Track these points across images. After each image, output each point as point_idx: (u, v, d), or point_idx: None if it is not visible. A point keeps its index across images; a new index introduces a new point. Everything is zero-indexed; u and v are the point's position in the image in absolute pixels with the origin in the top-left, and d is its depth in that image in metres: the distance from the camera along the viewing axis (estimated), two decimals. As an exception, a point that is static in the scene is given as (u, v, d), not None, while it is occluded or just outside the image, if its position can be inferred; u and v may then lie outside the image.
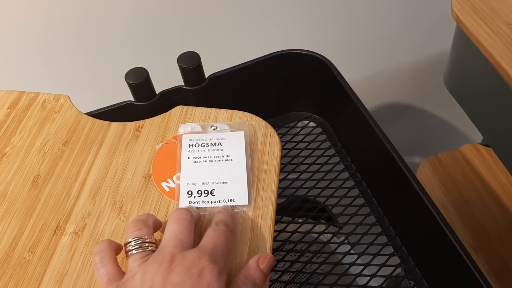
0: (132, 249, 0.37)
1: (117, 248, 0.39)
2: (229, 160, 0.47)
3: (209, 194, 0.45)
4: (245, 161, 0.47)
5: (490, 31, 0.51)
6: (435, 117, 1.09)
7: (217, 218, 0.41)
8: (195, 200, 0.44)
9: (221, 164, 0.47)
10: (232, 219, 0.41)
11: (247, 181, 0.46)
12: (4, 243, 0.43)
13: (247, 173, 0.46)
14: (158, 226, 0.40)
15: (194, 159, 0.47)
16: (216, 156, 0.48)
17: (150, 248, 0.37)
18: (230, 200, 0.45)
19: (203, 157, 0.48)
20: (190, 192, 0.45)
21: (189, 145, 0.48)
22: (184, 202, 0.44)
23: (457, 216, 0.75)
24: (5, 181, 0.47)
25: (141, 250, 0.37)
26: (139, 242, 0.37)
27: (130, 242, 0.37)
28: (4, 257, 0.42)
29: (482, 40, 0.51)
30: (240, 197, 0.45)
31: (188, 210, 0.40)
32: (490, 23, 0.52)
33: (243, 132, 0.50)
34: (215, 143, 0.49)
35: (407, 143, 1.10)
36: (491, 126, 0.57)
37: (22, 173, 0.48)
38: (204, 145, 0.49)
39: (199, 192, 0.45)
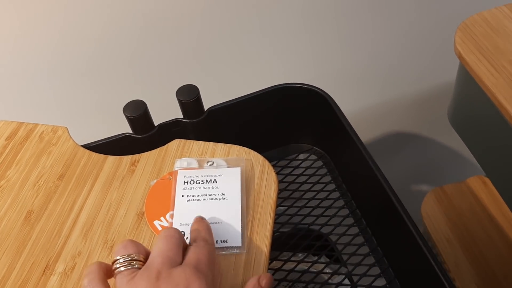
0: (120, 267, 0.36)
1: (107, 270, 0.38)
2: (224, 199, 0.47)
3: None
4: (239, 200, 0.46)
5: (493, 70, 0.50)
6: (443, 146, 1.08)
7: (194, 235, 0.40)
8: (187, 241, 0.44)
9: (215, 203, 0.47)
10: (209, 233, 0.41)
11: (241, 222, 0.45)
12: (-7, 282, 0.42)
13: (241, 213, 0.45)
14: (146, 252, 0.40)
15: (189, 197, 0.47)
16: (211, 194, 0.47)
17: (137, 265, 0.37)
18: (223, 241, 0.44)
19: (198, 195, 0.47)
20: (183, 233, 0.44)
21: (184, 182, 0.48)
22: None
23: (462, 252, 0.73)
24: (-3, 216, 0.47)
25: (129, 267, 0.36)
26: (128, 259, 0.37)
27: (118, 259, 0.37)
28: (-8, 296, 0.41)
29: (485, 79, 0.50)
30: (233, 239, 0.44)
31: (176, 229, 0.40)
32: (494, 62, 0.51)
33: (240, 168, 0.49)
34: (211, 180, 0.48)
35: (414, 171, 1.09)
36: (493, 164, 0.56)
37: (15, 208, 0.47)
38: (199, 182, 0.48)
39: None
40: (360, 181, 0.61)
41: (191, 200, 0.46)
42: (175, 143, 0.52)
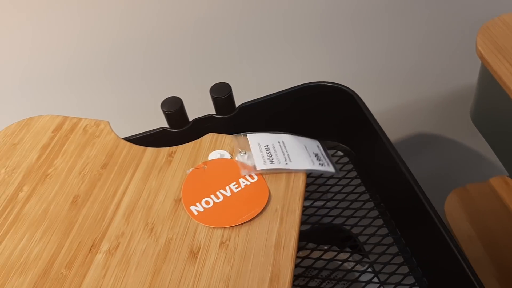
0: None
1: None
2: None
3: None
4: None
5: (513, 69, 0.52)
6: (466, 147, 1.09)
7: None
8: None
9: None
10: None
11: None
12: (44, 259, 0.46)
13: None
14: None
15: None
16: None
17: None
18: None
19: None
20: (316, 155, 0.52)
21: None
22: (313, 165, 0.51)
23: (483, 249, 0.75)
24: (47, 201, 0.51)
25: None
26: None
27: None
28: (43, 272, 0.45)
29: (505, 78, 0.52)
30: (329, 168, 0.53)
31: None
32: (514, 61, 0.53)
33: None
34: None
35: (437, 172, 1.10)
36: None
37: (63, 194, 0.51)
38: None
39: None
40: (386, 176, 0.63)
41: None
42: (209, 137, 0.55)
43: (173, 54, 0.78)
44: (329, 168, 0.53)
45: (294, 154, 0.52)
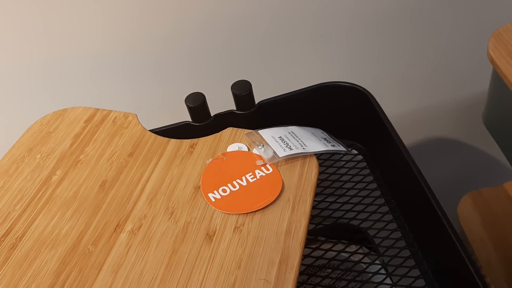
0: None
1: None
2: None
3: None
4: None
5: (522, 73, 0.54)
6: (482, 152, 1.10)
7: None
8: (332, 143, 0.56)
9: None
10: None
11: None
12: (73, 236, 0.50)
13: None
14: None
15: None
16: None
17: None
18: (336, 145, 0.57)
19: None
20: (325, 139, 0.55)
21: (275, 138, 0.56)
22: (326, 147, 0.55)
23: (494, 251, 0.76)
24: (77, 184, 0.55)
25: None
26: None
27: None
28: (71, 247, 0.49)
29: (514, 81, 0.54)
30: (340, 147, 0.57)
31: None
32: (523, 66, 0.55)
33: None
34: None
35: (451, 175, 1.11)
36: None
37: (92, 178, 0.55)
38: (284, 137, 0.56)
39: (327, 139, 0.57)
40: (398, 176, 0.64)
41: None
42: (228, 131, 0.59)
43: (198, 52, 0.81)
44: (341, 148, 0.56)
45: (307, 140, 0.55)
